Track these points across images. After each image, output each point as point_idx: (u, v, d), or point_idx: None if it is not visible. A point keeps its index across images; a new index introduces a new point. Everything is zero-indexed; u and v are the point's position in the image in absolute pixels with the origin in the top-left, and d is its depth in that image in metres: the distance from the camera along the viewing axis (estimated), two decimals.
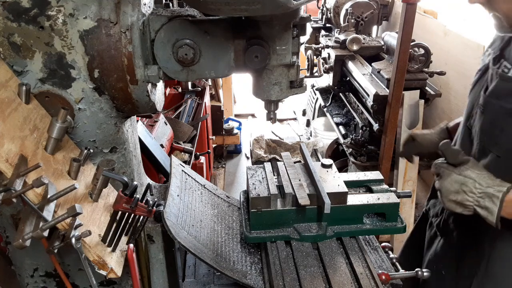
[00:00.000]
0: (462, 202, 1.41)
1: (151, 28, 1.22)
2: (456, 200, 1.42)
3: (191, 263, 1.62)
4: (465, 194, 1.40)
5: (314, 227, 1.42)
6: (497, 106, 1.41)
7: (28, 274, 1.45)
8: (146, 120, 2.88)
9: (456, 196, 1.42)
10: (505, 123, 1.40)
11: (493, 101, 1.44)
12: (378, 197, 1.52)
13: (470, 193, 1.39)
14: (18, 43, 1.18)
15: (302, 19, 1.24)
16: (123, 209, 1.23)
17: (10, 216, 1.28)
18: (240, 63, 1.27)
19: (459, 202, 1.42)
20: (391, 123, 3.06)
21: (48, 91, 1.24)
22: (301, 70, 1.37)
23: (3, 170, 1.03)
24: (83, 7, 1.18)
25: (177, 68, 1.26)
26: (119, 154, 1.41)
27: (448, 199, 1.44)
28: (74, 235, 1.07)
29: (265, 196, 1.42)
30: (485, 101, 1.47)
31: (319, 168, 1.59)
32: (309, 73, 1.92)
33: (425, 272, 1.39)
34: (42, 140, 1.18)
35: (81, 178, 1.25)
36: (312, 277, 1.28)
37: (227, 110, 5.54)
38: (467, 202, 1.40)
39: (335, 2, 4.43)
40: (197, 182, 1.70)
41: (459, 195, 1.41)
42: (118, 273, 1.23)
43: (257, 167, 1.63)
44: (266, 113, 1.48)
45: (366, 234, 1.60)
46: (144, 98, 1.30)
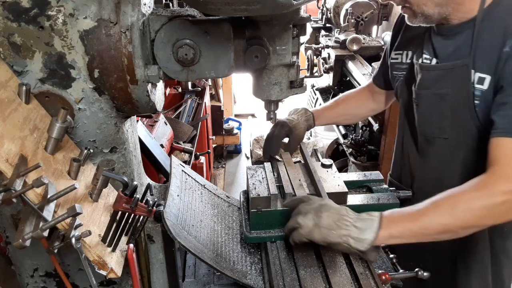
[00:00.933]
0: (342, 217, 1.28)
1: (151, 28, 1.22)
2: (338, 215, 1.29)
3: (191, 263, 1.62)
4: (346, 212, 1.30)
5: None
6: (429, 94, 1.52)
7: (28, 274, 1.45)
8: (146, 120, 2.88)
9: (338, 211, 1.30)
10: (441, 107, 1.49)
11: (424, 92, 1.54)
12: (378, 197, 1.52)
13: (351, 213, 1.31)
14: (18, 43, 1.18)
15: (302, 19, 1.24)
16: (123, 209, 1.23)
17: (10, 216, 1.28)
18: (240, 63, 1.27)
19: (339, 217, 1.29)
20: (391, 123, 3.06)
21: (48, 91, 1.24)
22: (301, 70, 1.37)
23: (3, 170, 1.03)
24: (83, 7, 1.17)
25: (177, 68, 1.26)
26: (119, 154, 1.41)
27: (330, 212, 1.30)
28: (74, 235, 1.07)
29: (265, 196, 1.42)
30: (417, 94, 1.57)
31: (319, 168, 1.59)
32: (309, 73, 1.91)
33: (425, 273, 1.39)
34: (42, 140, 1.18)
35: (81, 178, 1.25)
36: (312, 277, 1.28)
37: (227, 110, 5.54)
38: (346, 218, 1.28)
39: (335, 2, 4.43)
40: (197, 182, 1.70)
41: (341, 211, 1.31)
42: (118, 273, 1.22)
43: (257, 167, 1.63)
44: (266, 113, 1.48)
45: None
46: (144, 98, 1.30)
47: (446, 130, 1.52)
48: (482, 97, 1.38)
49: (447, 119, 1.50)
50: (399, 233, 1.27)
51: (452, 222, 1.24)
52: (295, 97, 1.51)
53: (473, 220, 1.26)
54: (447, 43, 1.48)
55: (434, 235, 1.28)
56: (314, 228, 1.28)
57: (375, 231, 1.25)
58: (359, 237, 1.25)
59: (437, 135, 1.56)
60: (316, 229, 1.28)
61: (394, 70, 1.74)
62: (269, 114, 1.47)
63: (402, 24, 1.67)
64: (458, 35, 1.44)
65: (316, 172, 1.52)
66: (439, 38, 1.50)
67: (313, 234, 1.29)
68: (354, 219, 1.28)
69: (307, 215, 1.30)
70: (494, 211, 1.24)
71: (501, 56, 1.32)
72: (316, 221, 1.28)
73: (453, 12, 1.40)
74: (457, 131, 1.50)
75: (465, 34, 1.41)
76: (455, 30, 1.44)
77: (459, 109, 1.45)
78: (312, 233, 1.29)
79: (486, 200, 1.24)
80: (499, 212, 1.24)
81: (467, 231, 1.29)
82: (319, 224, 1.28)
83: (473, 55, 1.38)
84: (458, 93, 1.43)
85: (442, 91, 1.48)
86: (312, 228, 1.29)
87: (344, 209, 1.31)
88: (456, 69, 1.43)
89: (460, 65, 1.41)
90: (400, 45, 1.72)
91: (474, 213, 1.24)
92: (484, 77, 1.37)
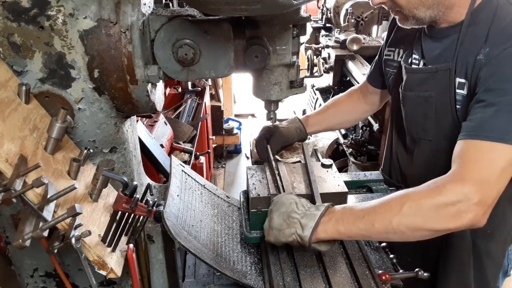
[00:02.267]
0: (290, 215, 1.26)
1: (151, 28, 1.22)
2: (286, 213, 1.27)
3: (191, 263, 1.62)
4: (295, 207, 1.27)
5: None
6: (414, 96, 1.54)
7: (28, 274, 1.45)
8: (146, 120, 2.88)
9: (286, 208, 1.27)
10: (426, 109, 1.50)
11: (409, 94, 1.56)
12: (378, 197, 1.52)
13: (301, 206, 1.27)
14: (18, 43, 1.18)
15: (302, 19, 1.24)
16: (123, 209, 1.23)
17: (10, 216, 1.28)
18: (240, 63, 1.27)
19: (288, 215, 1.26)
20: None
21: (48, 91, 1.24)
22: (301, 70, 1.37)
23: (3, 170, 1.03)
24: (83, 7, 1.17)
25: (177, 68, 1.26)
26: (119, 154, 1.41)
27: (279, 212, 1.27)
28: (74, 235, 1.07)
29: (265, 196, 1.41)
30: (403, 95, 1.59)
31: (319, 168, 1.59)
32: (309, 73, 1.92)
33: (425, 273, 1.39)
34: (42, 140, 1.18)
35: (81, 178, 1.25)
36: (312, 277, 1.28)
37: (227, 110, 5.54)
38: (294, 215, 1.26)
39: (335, 2, 4.43)
40: (197, 182, 1.70)
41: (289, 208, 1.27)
42: (118, 273, 1.22)
43: (257, 167, 1.63)
44: (266, 113, 1.48)
45: None
46: (144, 98, 1.30)
47: (430, 132, 1.53)
48: (463, 101, 1.38)
49: (431, 121, 1.51)
50: (346, 229, 1.22)
51: (398, 221, 1.17)
52: (295, 97, 1.51)
53: (420, 221, 1.18)
54: (434, 46, 1.48)
55: (382, 234, 1.22)
56: (268, 230, 1.28)
57: (312, 227, 1.22)
58: (301, 234, 1.23)
59: (422, 136, 1.57)
60: (270, 231, 1.27)
61: (387, 67, 1.75)
62: (269, 114, 1.47)
63: None
64: (445, 38, 1.44)
65: (314, 172, 1.52)
66: (428, 40, 1.51)
67: (269, 237, 1.28)
68: (301, 214, 1.25)
69: (266, 218, 1.30)
70: (442, 212, 1.16)
71: (475, 64, 1.32)
72: (269, 223, 1.28)
73: (443, 15, 1.40)
74: (440, 134, 1.50)
75: (452, 37, 1.42)
76: (443, 33, 1.45)
77: (442, 112, 1.46)
78: (268, 237, 1.29)
79: (435, 199, 1.16)
80: (448, 214, 1.16)
81: (416, 234, 1.21)
82: (272, 226, 1.27)
83: (455, 59, 1.38)
84: (441, 96, 1.44)
85: (426, 94, 1.48)
86: (268, 230, 1.28)
87: (293, 203, 1.27)
88: (439, 72, 1.43)
89: (444, 69, 1.42)
90: (393, 42, 1.73)
91: (422, 213, 1.17)
92: (464, 82, 1.37)
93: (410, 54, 1.58)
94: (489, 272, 1.66)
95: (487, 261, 1.64)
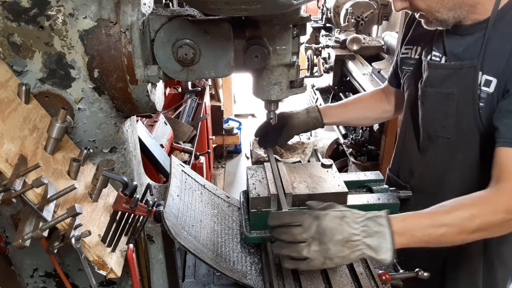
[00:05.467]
0: (350, 239, 1.15)
1: (151, 28, 1.22)
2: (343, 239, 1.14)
3: (191, 263, 1.62)
4: (349, 227, 1.15)
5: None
6: (434, 93, 1.51)
7: (27, 274, 1.45)
8: (146, 120, 2.87)
9: (342, 234, 1.14)
10: (446, 106, 1.48)
11: (429, 90, 1.53)
12: (378, 197, 1.52)
13: (354, 223, 1.16)
14: (18, 43, 1.18)
15: (302, 18, 1.24)
16: (123, 209, 1.23)
17: (10, 216, 1.28)
18: (240, 63, 1.27)
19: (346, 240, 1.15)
20: (391, 123, 3.06)
21: (48, 91, 1.24)
22: (301, 70, 1.37)
23: (3, 170, 1.03)
24: (83, 7, 1.17)
25: (177, 68, 1.26)
26: (119, 154, 1.41)
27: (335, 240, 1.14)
28: (74, 235, 1.07)
29: (265, 196, 1.41)
30: (423, 91, 1.56)
31: (319, 168, 1.59)
32: (309, 73, 1.91)
33: (425, 273, 1.39)
34: (42, 140, 1.18)
35: (81, 178, 1.25)
36: (312, 277, 1.28)
37: (227, 110, 5.54)
38: (354, 238, 1.15)
39: (335, 2, 4.43)
40: (197, 182, 1.70)
41: (344, 232, 1.14)
42: (118, 273, 1.22)
43: (257, 167, 1.63)
44: (266, 113, 1.48)
45: None
46: (144, 98, 1.30)
47: (449, 129, 1.51)
48: (487, 100, 1.37)
49: (451, 118, 1.49)
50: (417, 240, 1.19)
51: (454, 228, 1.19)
52: (295, 97, 1.51)
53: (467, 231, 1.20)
54: (457, 43, 1.46)
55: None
56: (325, 260, 1.15)
57: (390, 249, 1.14)
58: (377, 257, 1.15)
59: (440, 133, 1.55)
60: (329, 261, 1.15)
61: (403, 65, 1.74)
62: (269, 114, 1.47)
63: (415, 19, 1.65)
64: (469, 36, 1.43)
65: (284, 173, 1.51)
66: (450, 36, 1.49)
67: (327, 265, 1.17)
68: (362, 234, 1.15)
69: (312, 247, 1.14)
70: (492, 227, 1.22)
71: (510, 61, 1.31)
72: (324, 254, 1.14)
73: (467, 14, 1.39)
74: (459, 132, 1.49)
75: (477, 35, 1.40)
76: (467, 31, 1.43)
77: (463, 110, 1.44)
78: (326, 265, 1.17)
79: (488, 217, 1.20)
80: (497, 228, 1.23)
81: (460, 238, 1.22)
82: (329, 256, 1.15)
83: (482, 56, 1.37)
84: (464, 93, 1.43)
85: (448, 90, 1.47)
86: (324, 261, 1.16)
87: (345, 224, 1.15)
88: (463, 69, 1.42)
89: (468, 65, 1.40)
90: (411, 40, 1.71)
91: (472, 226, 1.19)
92: (491, 80, 1.36)
93: (429, 51, 1.56)
94: (499, 276, 1.65)
95: (498, 264, 1.63)
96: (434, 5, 1.36)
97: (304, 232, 1.15)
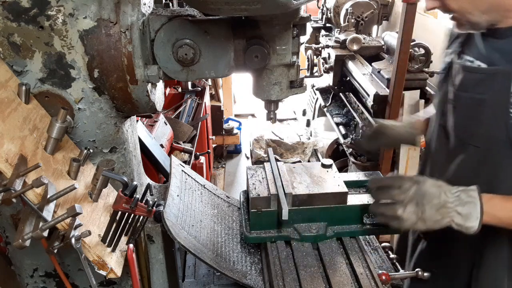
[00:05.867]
0: (444, 205, 1.27)
1: (151, 28, 1.22)
2: (439, 204, 1.27)
3: (191, 263, 1.62)
4: (445, 195, 1.27)
5: (314, 227, 1.42)
6: (467, 98, 1.44)
7: (27, 274, 1.45)
8: (146, 120, 2.87)
9: (439, 199, 1.27)
10: (479, 113, 1.41)
11: (462, 94, 1.47)
12: None
13: (449, 192, 1.28)
14: (18, 43, 1.18)
15: (302, 18, 1.24)
16: (123, 209, 1.23)
17: (10, 216, 1.28)
18: (240, 63, 1.27)
19: (441, 206, 1.27)
20: None
21: (48, 91, 1.24)
22: (301, 70, 1.37)
23: (3, 170, 1.03)
24: (83, 7, 1.17)
25: (177, 68, 1.26)
26: (119, 154, 1.41)
27: (432, 204, 1.27)
28: (74, 235, 1.07)
29: (265, 196, 1.41)
30: (455, 95, 1.50)
31: (319, 168, 1.59)
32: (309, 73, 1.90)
33: (425, 273, 1.39)
34: (42, 140, 1.18)
35: (81, 178, 1.25)
36: (312, 277, 1.27)
37: (227, 110, 5.54)
38: (448, 205, 1.27)
39: (335, 2, 4.43)
40: (197, 182, 1.70)
41: (441, 197, 1.27)
42: (118, 273, 1.22)
43: (257, 167, 1.63)
44: (266, 113, 1.48)
45: (366, 234, 1.60)
46: (144, 98, 1.30)
47: (479, 138, 1.43)
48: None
49: (482, 126, 1.41)
50: (505, 215, 1.27)
51: None
52: (295, 97, 1.51)
53: None
54: (492, 47, 1.39)
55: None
56: (418, 221, 1.27)
57: (479, 218, 1.24)
58: (465, 224, 1.25)
59: (469, 141, 1.46)
60: (420, 222, 1.27)
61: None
62: (269, 114, 1.47)
63: None
64: (505, 40, 1.36)
65: (286, 175, 1.51)
66: (484, 41, 1.42)
67: (417, 226, 1.28)
68: (454, 202, 1.26)
69: (407, 208, 1.27)
70: None
71: None
72: (419, 215, 1.26)
73: (502, 18, 1.33)
74: (489, 142, 1.41)
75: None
76: (503, 35, 1.36)
77: (495, 118, 1.37)
78: (416, 226, 1.28)
79: None
80: None
81: None
82: (423, 218, 1.26)
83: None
84: (496, 100, 1.36)
85: (480, 96, 1.39)
86: (416, 221, 1.27)
87: (443, 193, 1.28)
88: (498, 74, 1.35)
89: (502, 71, 1.33)
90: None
91: None
92: None
93: (461, 54, 1.50)
94: None
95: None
96: (467, 6, 1.31)
97: (402, 194, 1.28)
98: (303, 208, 1.42)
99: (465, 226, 1.25)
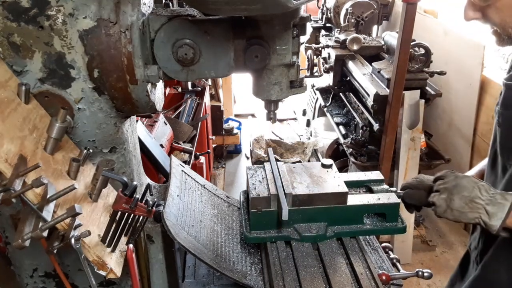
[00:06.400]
0: (473, 200, 1.30)
1: (151, 28, 1.22)
2: (469, 197, 1.30)
3: (190, 263, 1.62)
4: (479, 192, 1.30)
5: (314, 227, 1.42)
6: (509, 116, 1.41)
7: (27, 275, 1.45)
8: (146, 120, 2.87)
9: (470, 193, 1.31)
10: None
11: (504, 113, 1.43)
12: (378, 197, 1.52)
13: (484, 191, 1.30)
14: (18, 43, 1.18)
15: (302, 18, 1.24)
16: (123, 209, 1.23)
17: (9, 216, 1.28)
18: (240, 63, 1.27)
19: (470, 199, 1.30)
20: (392, 123, 3.06)
21: (48, 91, 1.24)
22: (301, 70, 1.37)
23: (3, 170, 1.03)
24: (83, 7, 1.17)
25: (177, 68, 1.26)
26: (118, 154, 1.41)
27: (461, 195, 1.31)
28: (74, 235, 1.07)
29: (265, 196, 1.41)
30: (499, 114, 1.46)
31: (319, 168, 1.59)
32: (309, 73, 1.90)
33: (425, 273, 1.39)
34: (41, 140, 1.18)
35: (80, 178, 1.25)
36: (312, 278, 1.27)
37: (227, 110, 5.54)
38: (477, 201, 1.30)
39: (335, 2, 4.43)
40: (197, 182, 1.70)
41: (473, 192, 1.31)
42: (117, 274, 1.22)
43: (257, 167, 1.63)
44: (266, 113, 1.48)
45: (367, 234, 1.60)
46: (143, 98, 1.30)
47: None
48: None
49: None
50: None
51: None
52: (295, 97, 1.50)
53: None
54: None
55: None
56: (447, 209, 1.33)
57: (502, 218, 1.26)
58: (489, 222, 1.28)
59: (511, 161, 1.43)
60: (449, 211, 1.33)
61: None
62: (269, 114, 1.47)
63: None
64: None
65: (286, 175, 1.51)
66: None
67: (446, 214, 1.34)
68: (486, 201, 1.29)
69: (441, 195, 1.34)
70: None
71: None
72: (448, 203, 1.32)
73: None
74: None
75: None
76: None
77: None
78: (445, 214, 1.34)
79: None
80: None
81: None
82: (451, 206, 1.32)
83: None
84: None
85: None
86: (445, 209, 1.33)
87: (477, 189, 1.31)
88: None
89: None
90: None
91: None
92: None
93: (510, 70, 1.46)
94: None
95: None
96: (509, 19, 1.25)
97: (443, 184, 1.37)
98: (303, 208, 1.42)
99: (489, 223, 1.28)
